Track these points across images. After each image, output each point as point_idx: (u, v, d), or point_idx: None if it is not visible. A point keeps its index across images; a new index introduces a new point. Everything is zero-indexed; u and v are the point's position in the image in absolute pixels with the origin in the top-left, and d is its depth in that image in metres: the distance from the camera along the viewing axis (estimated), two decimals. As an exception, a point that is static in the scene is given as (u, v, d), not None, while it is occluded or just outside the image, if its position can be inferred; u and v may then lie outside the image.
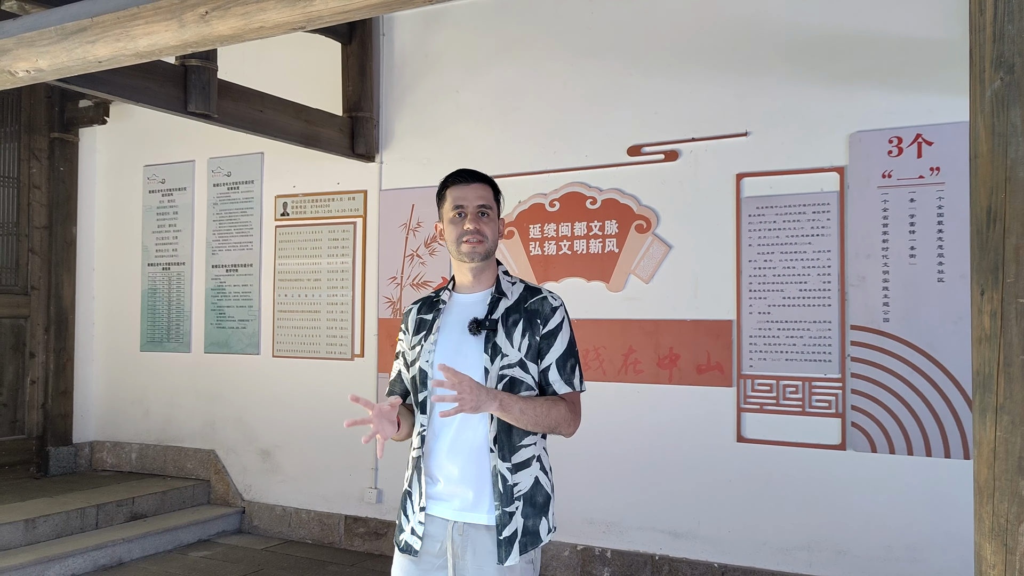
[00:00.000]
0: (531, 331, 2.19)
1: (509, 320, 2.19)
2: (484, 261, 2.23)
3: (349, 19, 2.30)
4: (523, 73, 4.94)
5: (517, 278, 2.32)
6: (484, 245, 2.21)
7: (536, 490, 2.18)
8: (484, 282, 2.27)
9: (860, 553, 4.00)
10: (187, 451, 6.10)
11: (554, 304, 2.24)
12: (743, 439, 4.26)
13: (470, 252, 2.20)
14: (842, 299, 4.07)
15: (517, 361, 2.16)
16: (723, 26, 4.39)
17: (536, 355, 2.19)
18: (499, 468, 2.13)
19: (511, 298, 2.24)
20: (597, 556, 4.58)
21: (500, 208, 2.31)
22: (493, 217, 2.25)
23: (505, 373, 2.15)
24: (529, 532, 2.15)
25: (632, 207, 4.59)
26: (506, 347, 2.16)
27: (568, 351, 2.23)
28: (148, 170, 6.41)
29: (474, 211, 2.21)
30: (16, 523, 4.79)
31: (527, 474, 2.17)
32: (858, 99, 4.06)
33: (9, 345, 6.07)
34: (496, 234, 2.25)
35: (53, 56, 2.73)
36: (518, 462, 2.16)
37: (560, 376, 2.20)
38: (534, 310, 2.22)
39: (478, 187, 2.24)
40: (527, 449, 2.18)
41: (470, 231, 2.19)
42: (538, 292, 2.27)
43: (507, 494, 2.12)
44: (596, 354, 4.64)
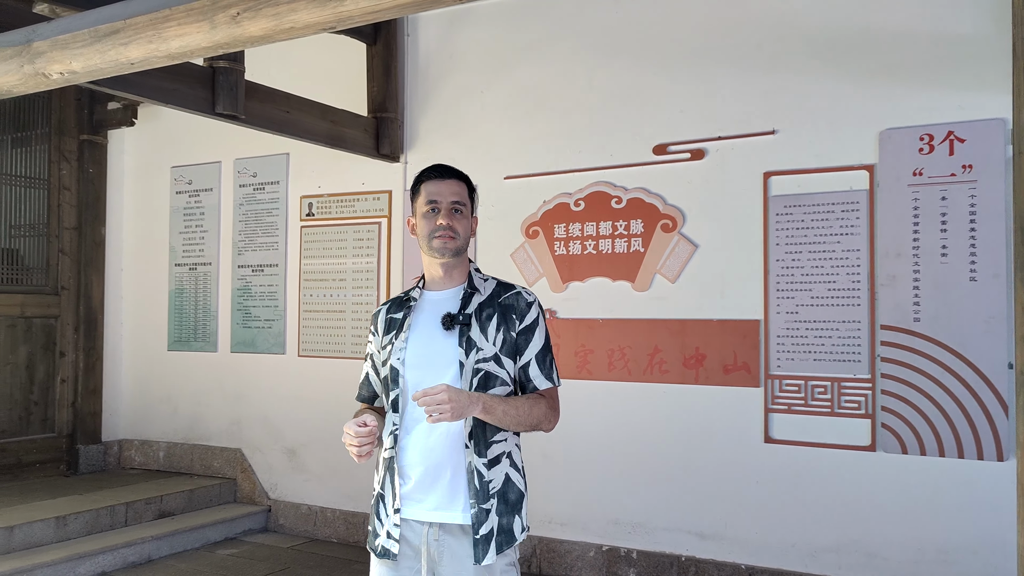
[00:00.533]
0: (506, 326, 2.18)
1: (483, 315, 2.18)
2: (455, 257, 2.22)
3: (379, 19, 2.30)
4: (547, 72, 4.93)
5: (489, 275, 2.32)
6: (456, 241, 2.19)
7: (508, 487, 2.15)
8: (456, 279, 2.25)
9: (890, 556, 3.96)
10: (214, 450, 6.15)
11: (528, 299, 2.24)
12: (771, 440, 4.23)
13: (441, 248, 2.18)
14: (872, 299, 4.02)
15: (492, 355, 2.14)
16: (749, 23, 4.36)
17: (512, 351, 2.18)
18: (475, 464, 2.11)
19: (484, 293, 2.23)
20: (623, 557, 4.56)
21: (474, 205, 2.30)
22: (466, 214, 2.23)
23: (480, 367, 2.13)
24: (504, 531, 2.13)
25: (658, 206, 4.56)
26: (480, 341, 2.14)
27: (546, 346, 2.23)
28: (175, 171, 6.47)
29: (448, 207, 2.19)
30: (48, 520, 4.85)
31: (499, 470, 2.14)
32: (888, 96, 4.02)
33: (40, 344, 6.16)
34: (468, 231, 2.24)
35: (86, 58, 2.76)
36: (491, 458, 2.14)
37: (540, 371, 2.20)
38: (509, 305, 2.21)
39: (453, 183, 2.23)
40: (498, 445, 2.15)
41: (443, 227, 2.17)
42: (511, 287, 2.26)
43: (483, 490, 2.10)
44: (621, 354, 4.62)
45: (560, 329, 4.80)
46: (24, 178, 6.13)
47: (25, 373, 6.06)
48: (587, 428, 4.70)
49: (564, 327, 4.79)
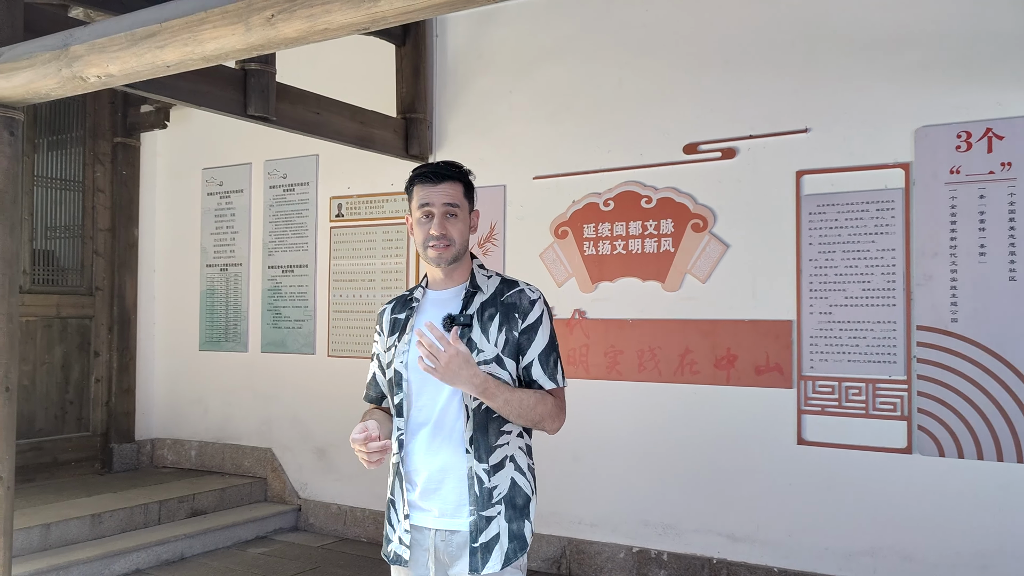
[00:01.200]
0: (508, 325, 2.10)
1: (485, 314, 2.11)
2: (452, 264, 2.14)
3: (413, 19, 2.30)
4: (576, 72, 4.91)
5: (493, 271, 2.23)
6: (451, 250, 2.11)
7: (515, 492, 2.09)
8: (457, 278, 2.18)
9: (927, 559, 3.90)
10: (244, 449, 6.20)
11: (532, 297, 2.14)
12: (804, 441, 4.18)
13: (436, 257, 2.11)
14: (907, 299, 3.96)
15: (493, 357, 2.07)
16: (782, 21, 4.32)
17: (515, 350, 2.10)
18: (475, 470, 2.05)
19: (486, 292, 2.15)
20: (653, 558, 4.53)
21: (473, 200, 2.19)
22: (462, 216, 2.14)
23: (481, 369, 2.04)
24: (515, 536, 2.07)
25: (688, 206, 4.53)
26: (482, 342, 2.07)
27: (550, 345, 2.14)
28: (206, 173, 6.54)
29: (440, 213, 2.10)
30: (83, 518, 4.92)
31: (503, 476, 2.08)
32: (924, 93, 3.96)
33: (75, 344, 6.25)
34: (466, 234, 2.15)
35: (123, 61, 2.79)
36: (494, 463, 2.07)
37: (544, 372, 2.11)
38: (511, 303, 2.12)
39: (446, 187, 2.12)
40: (501, 449, 2.09)
41: (436, 236, 2.09)
42: (515, 284, 2.17)
43: (484, 497, 2.05)
44: (652, 354, 4.60)
45: (589, 329, 4.78)
46: (60, 180, 6.22)
47: (61, 373, 6.15)
48: (617, 429, 4.68)
49: (594, 327, 4.77)
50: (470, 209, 2.18)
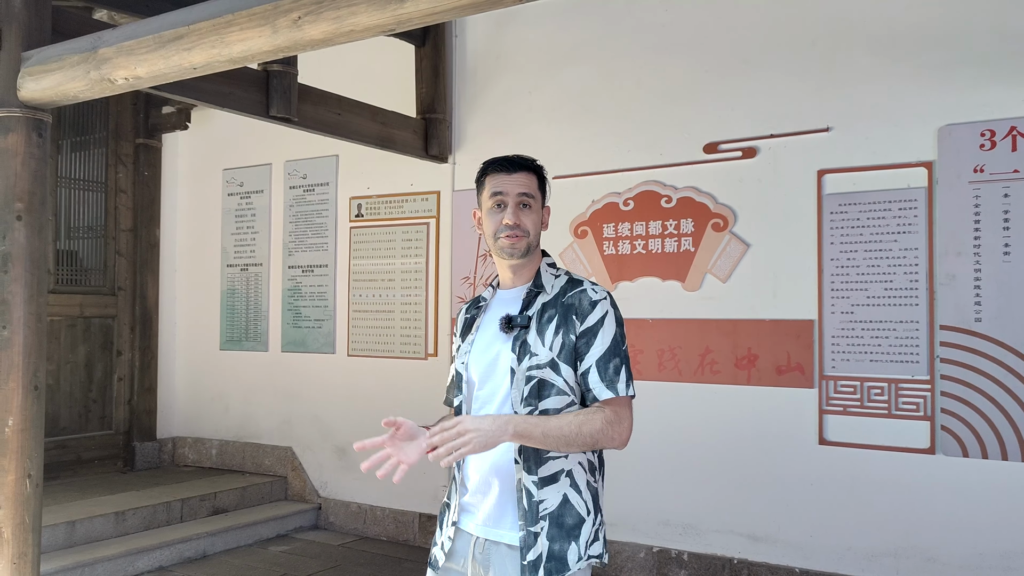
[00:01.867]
0: (566, 328, 1.96)
1: (544, 316, 1.98)
2: (524, 257, 2.02)
3: (438, 20, 2.32)
4: (596, 72, 4.91)
5: (563, 270, 2.08)
6: (524, 240, 2.00)
7: (565, 509, 1.93)
8: (525, 276, 2.07)
9: (950, 560, 3.87)
10: (265, 448, 6.25)
11: (595, 297, 1.98)
12: (825, 442, 4.17)
13: (509, 248, 2.00)
14: (931, 298, 3.94)
15: (548, 361, 1.94)
16: (803, 19, 4.30)
17: (571, 355, 1.95)
18: (524, 482, 1.93)
19: (550, 292, 2.02)
20: (673, 558, 4.53)
21: (546, 195, 2.10)
22: (536, 208, 2.03)
23: (533, 375, 1.94)
24: (554, 557, 1.91)
25: (708, 205, 4.52)
26: (536, 346, 1.95)
27: (612, 350, 1.95)
28: (227, 173, 6.59)
29: (515, 202, 2.00)
30: (107, 516, 4.97)
31: (554, 490, 1.94)
32: (947, 91, 3.93)
33: (98, 344, 6.31)
34: (539, 227, 2.04)
35: (151, 64, 2.82)
36: (545, 476, 1.94)
37: (601, 380, 1.93)
38: (570, 304, 1.98)
39: (521, 176, 2.03)
40: (556, 462, 1.94)
41: (509, 225, 1.98)
42: (579, 284, 2.02)
43: (532, 511, 1.92)
44: (672, 354, 4.59)
45: (609, 329, 4.77)
46: (83, 181, 6.29)
47: (84, 372, 6.22)
48: (637, 428, 4.64)
49: (613, 327, 4.76)
50: (543, 203, 2.08)
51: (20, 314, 3.24)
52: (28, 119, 3.26)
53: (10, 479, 3.20)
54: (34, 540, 3.27)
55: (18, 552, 3.21)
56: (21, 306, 3.25)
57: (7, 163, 3.24)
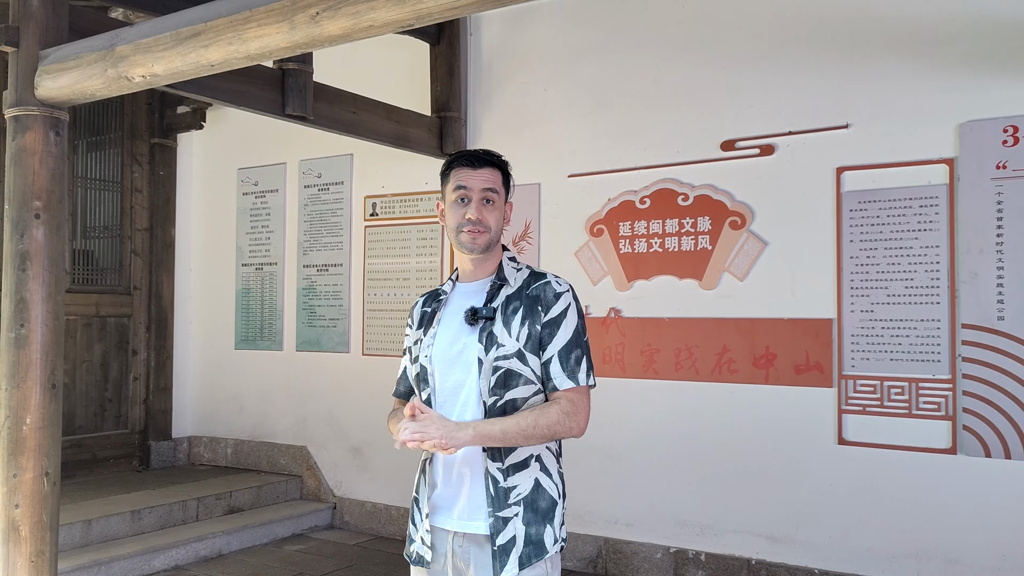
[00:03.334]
0: (531, 319, 2.00)
1: (509, 308, 2.02)
2: (484, 252, 2.07)
3: (458, 15, 2.30)
4: (612, 69, 4.89)
5: (524, 264, 2.14)
6: (486, 236, 2.04)
7: (538, 494, 2.00)
8: (486, 270, 2.11)
9: (972, 562, 3.82)
10: (280, 447, 6.25)
11: (559, 289, 2.03)
12: (845, 441, 4.12)
13: (470, 243, 2.04)
14: (952, 296, 3.89)
15: (515, 352, 1.98)
16: (821, 14, 4.26)
17: (537, 345, 2.00)
18: (490, 470, 1.98)
19: (514, 285, 2.06)
20: (691, 559, 4.50)
21: (510, 191, 2.13)
22: (499, 204, 2.07)
23: (500, 365, 1.98)
24: (532, 541, 1.97)
25: (726, 203, 4.49)
26: (503, 336, 1.99)
27: (573, 341, 2.01)
28: (242, 173, 6.60)
29: (478, 197, 2.03)
30: (123, 514, 4.98)
31: (525, 476, 1.99)
32: (968, 87, 3.88)
33: (114, 343, 6.33)
34: (500, 223, 2.07)
35: (168, 61, 2.82)
36: (513, 463, 1.99)
37: (562, 369, 1.99)
38: (535, 296, 2.03)
39: (485, 171, 2.06)
40: (523, 448, 1.99)
41: (472, 220, 2.02)
42: (542, 277, 2.07)
43: (500, 497, 1.97)
44: (689, 353, 4.56)
45: (625, 328, 4.75)
46: (98, 181, 6.30)
47: (100, 371, 6.24)
48: (654, 428, 4.65)
49: (629, 326, 4.74)
50: (506, 199, 2.11)
51: (38, 312, 3.25)
52: (45, 117, 3.27)
53: (28, 477, 3.20)
54: (51, 538, 3.28)
55: (36, 550, 3.21)
56: (39, 304, 3.26)
57: (25, 161, 3.25)
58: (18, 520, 3.18)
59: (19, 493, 3.19)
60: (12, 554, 3.18)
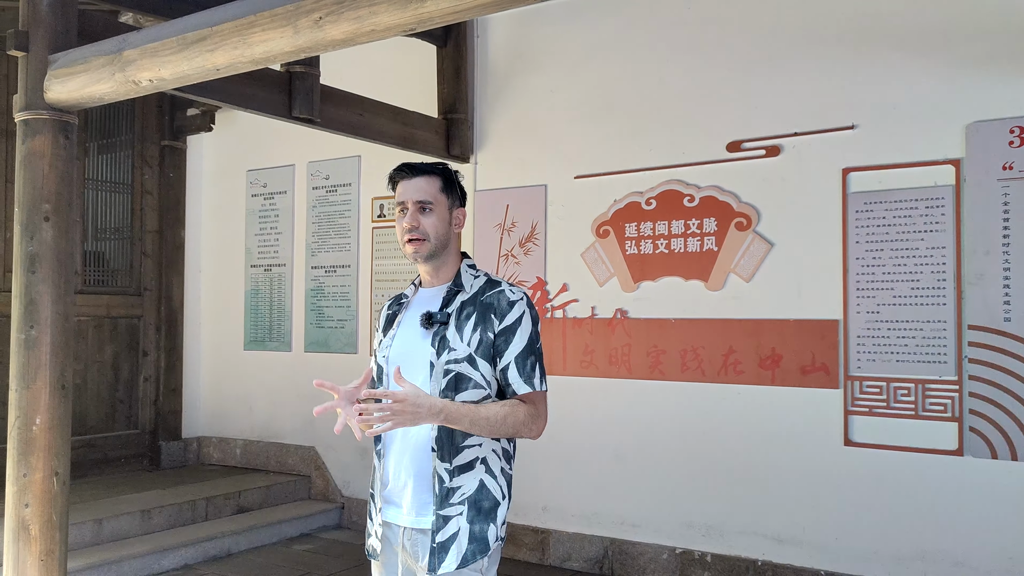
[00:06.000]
0: (484, 325, 2.06)
1: (463, 313, 2.08)
2: (432, 260, 2.13)
3: (460, 19, 2.32)
4: (618, 71, 4.89)
5: (483, 271, 2.19)
6: (426, 244, 2.09)
7: (482, 494, 2.05)
8: (444, 276, 2.17)
9: (979, 564, 3.81)
10: (288, 447, 6.28)
11: (512, 298, 2.09)
12: (851, 443, 4.12)
13: (412, 253, 2.11)
14: (958, 298, 3.88)
15: (465, 356, 2.04)
16: (827, 15, 4.26)
17: (489, 352, 2.06)
18: (438, 469, 2.03)
19: (469, 291, 2.12)
20: (697, 560, 4.50)
21: (457, 196, 2.16)
22: (438, 211, 2.10)
23: (451, 368, 2.04)
24: (476, 538, 2.03)
25: (732, 204, 4.49)
26: (455, 341, 2.05)
27: (528, 348, 2.07)
28: (251, 175, 6.64)
29: (414, 207, 2.09)
30: (133, 514, 5.03)
31: (470, 477, 2.05)
32: (975, 88, 3.87)
33: (125, 344, 6.38)
34: (441, 229, 2.11)
35: (175, 65, 2.85)
36: (460, 464, 2.04)
37: (520, 375, 2.05)
38: (489, 303, 2.08)
39: (419, 180, 2.11)
40: (471, 450, 2.05)
41: (407, 229, 2.09)
42: (497, 285, 2.13)
43: (443, 496, 2.02)
44: (695, 354, 4.56)
45: (631, 329, 4.76)
46: (109, 183, 6.36)
47: (111, 371, 6.29)
48: (660, 429, 4.66)
49: (635, 327, 4.75)
50: (450, 205, 2.14)
51: (48, 314, 3.29)
52: (55, 121, 3.31)
53: (38, 477, 3.24)
54: (61, 537, 3.31)
55: (45, 549, 3.25)
56: (49, 306, 3.30)
57: (35, 165, 3.29)
58: (28, 519, 3.22)
59: (29, 493, 3.23)
60: (22, 553, 3.22)
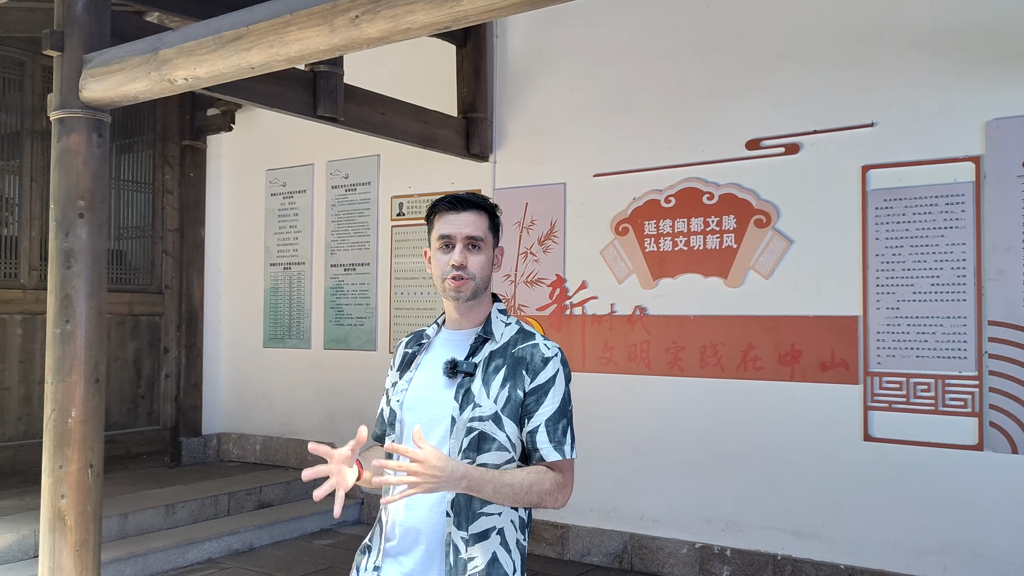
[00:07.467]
0: (514, 381, 1.88)
1: (491, 366, 1.90)
2: (470, 301, 1.95)
3: (495, 17, 2.36)
4: (637, 69, 4.94)
5: (513, 319, 2.01)
6: (471, 284, 1.92)
7: (493, 568, 1.85)
8: (473, 319, 1.98)
9: (999, 557, 3.84)
10: (308, 444, 6.33)
11: (547, 354, 1.91)
12: (870, 438, 4.15)
13: (455, 292, 1.92)
14: (978, 294, 3.91)
15: (491, 414, 1.86)
16: (847, 13, 4.29)
17: (516, 411, 1.88)
18: (453, 537, 1.84)
19: (499, 340, 1.94)
20: (716, 554, 4.54)
21: (499, 236, 2.02)
22: (485, 250, 1.95)
23: (475, 426, 1.85)
24: None
25: (751, 201, 4.53)
26: (480, 396, 1.87)
27: (560, 410, 1.89)
28: (270, 174, 6.70)
29: (462, 244, 1.92)
30: (157, 508, 5.09)
31: (484, 548, 1.85)
32: (995, 85, 3.90)
33: (146, 341, 6.45)
34: (488, 269, 1.96)
35: (211, 64, 2.90)
36: (476, 532, 1.85)
37: (549, 441, 1.86)
38: (521, 357, 1.90)
39: (469, 215, 1.95)
40: (489, 519, 1.86)
41: (455, 267, 1.90)
42: (531, 337, 1.95)
43: (458, 568, 1.83)
44: (714, 351, 4.60)
45: (651, 326, 4.80)
46: (130, 183, 6.44)
47: (133, 368, 6.36)
48: (679, 425, 4.69)
49: (655, 324, 4.79)
50: (494, 244, 2.00)
51: (82, 308, 3.35)
52: (89, 119, 3.37)
53: (73, 468, 3.30)
54: (95, 528, 3.37)
55: (80, 539, 3.31)
56: (83, 301, 3.36)
57: (70, 162, 3.35)
58: (64, 510, 3.28)
59: (65, 484, 3.29)
60: (58, 543, 3.28)
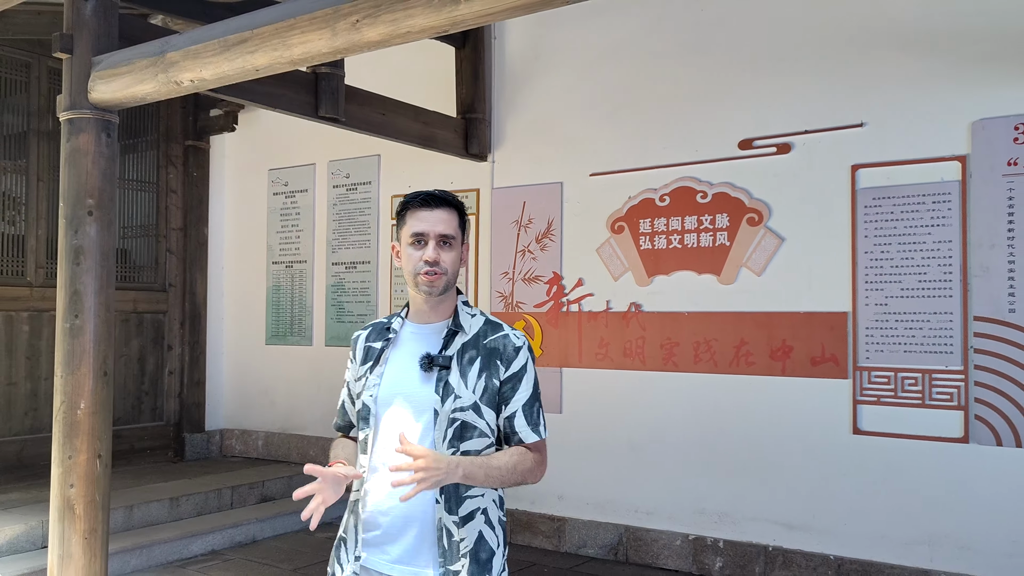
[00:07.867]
0: (490, 372, 1.98)
1: (465, 358, 1.99)
2: (441, 295, 2.01)
3: (492, 21, 2.46)
4: (633, 70, 5.03)
5: (477, 310, 2.09)
6: (443, 279, 1.98)
7: (480, 546, 1.96)
8: (441, 313, 2.05)
9: (984, 548, 3.93)
10: (309, 439, 6.44)
11: (517, 343, 2.02)
12: (859, 431, 4.24)
13: (428, 287, 1.98)
14: (964, 290, 4.01)
15: (471, 404, 1.95)
16: (837, 15, 4.39)
17: (494, 399, 1.99)
18: (445, 522, 1.93)
19: (468, 333, 2.02)
20: (709, 546, 4.63)
21: (466, 233, 2.08)
22: (456, 245, 2.02)
23: (457, 416, 1.94)
24: None
25: (744, 200, 4.62)
26: (459, 387, 1.95)
27: (534, 395, 2.02)
28: (272, 174, 6.80)
29: (435, 240, 1.98)
30: (162, 501, 5.19)
31: (471, 528, 1.95)
32: (981, 86, 4.00)
33: (150, 338, 6.56)
34: (458, 264, 2.03)
35: (216, 66, 3.00)
36: (464, 515, 1.95)
37: (527, 423, 1.99)
38: (494, 348, 2.00)
39: (442, 212, 2.00)
40: (473, 501, 1.97)
41: (429, 263, 1.97)
42: (499, 328, 2.04)
43: (452, 551, 1.93)
44: (707, 346, 4.70)
45: (645, 322, 4.90)
46: (135, 182, 6.54)
47: (137, 365, 6.47)
48: (673, 419, 4.79)
49: (649, 320, 4.89)
50: (462, 241, 2.06)
51: (91, 304, 3.45)
52: (98, 120, 3.47)
53: (82, 459, 3.40)
54: (103, 517, 3.47)
55: (89, 528, 3.41)
56: (92, 296, 3.46)
57: (79, 162, 3.45)
58: (73, 499, 3.38)
59: (74, 474, 3.39)
60: (67, 531, 3.38)
